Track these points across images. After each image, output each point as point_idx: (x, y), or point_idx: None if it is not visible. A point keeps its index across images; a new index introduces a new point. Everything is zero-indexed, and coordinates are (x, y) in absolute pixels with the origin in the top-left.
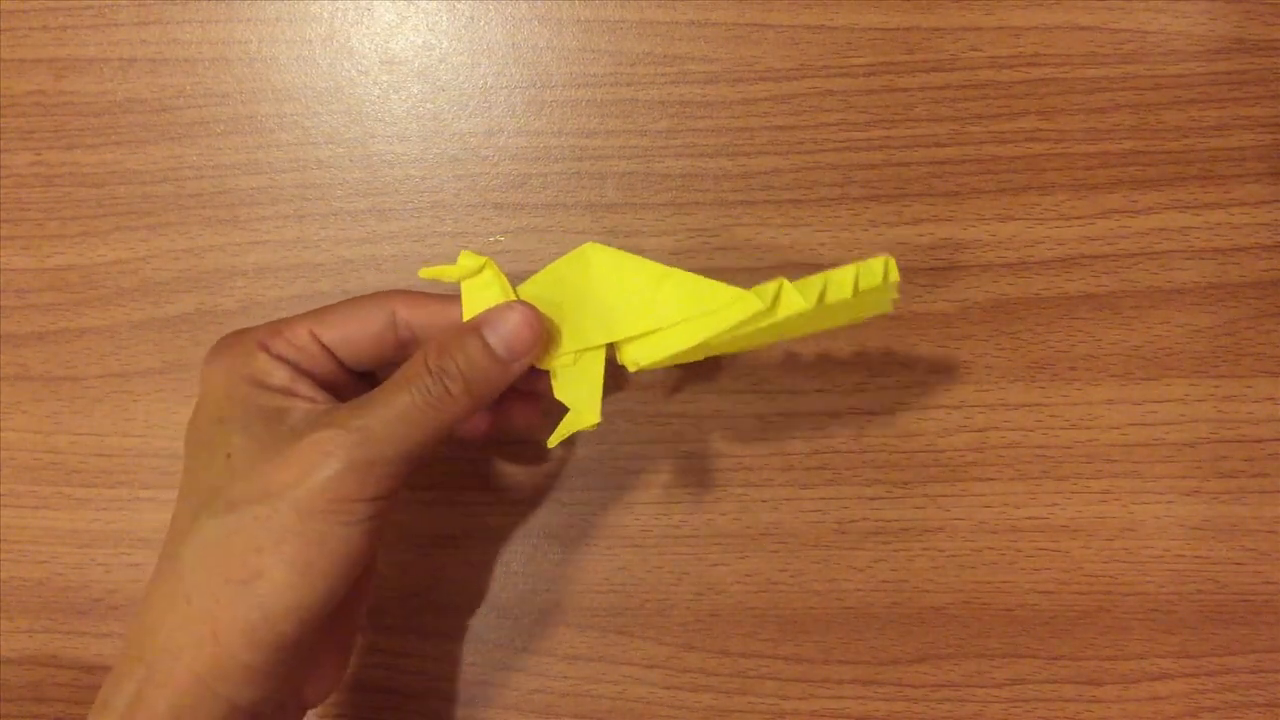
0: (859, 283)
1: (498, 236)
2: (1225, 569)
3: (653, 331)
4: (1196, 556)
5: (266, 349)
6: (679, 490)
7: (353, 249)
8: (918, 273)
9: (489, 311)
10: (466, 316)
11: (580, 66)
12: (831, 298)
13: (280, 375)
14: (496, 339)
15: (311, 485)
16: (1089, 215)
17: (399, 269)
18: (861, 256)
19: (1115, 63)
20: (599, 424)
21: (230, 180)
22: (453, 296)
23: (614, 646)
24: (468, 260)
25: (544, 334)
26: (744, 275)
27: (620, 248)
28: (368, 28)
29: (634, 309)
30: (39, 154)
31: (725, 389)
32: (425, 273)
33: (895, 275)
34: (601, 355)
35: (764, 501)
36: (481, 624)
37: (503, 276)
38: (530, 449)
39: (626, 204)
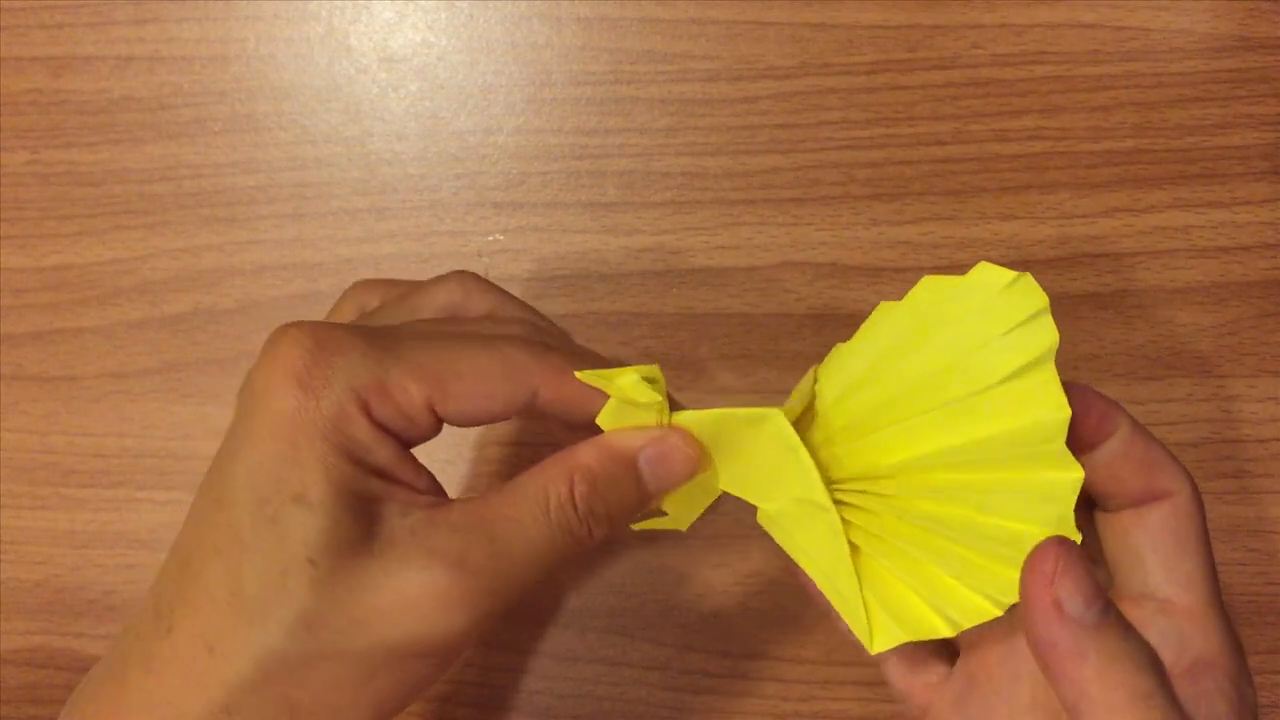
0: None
1: (496, 235)
2: (1229, 570)
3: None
4: None
5: (369, 413)
6: None
7: (351, 248)
8: (920, 272)
9: (651, 440)
10: (607, 422)
11: (580, 64)
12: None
13: (383, 454)
14: (651, 474)
15: (418, 634)
16: (1091, 214)
17: (398, 268)
18: (863, 254)
19: (1118, 60)
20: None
21: (228, 179)
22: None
23: (614, 648)
24: (637, 390)
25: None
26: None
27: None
28: (366, 25)
29: (780, 507)
30: (35, 153)
31: (725, 389)
32: (585, 376)
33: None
34: (717, 493)
35: None
36: None
37: (666, 406)
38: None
39: (626, 203)
